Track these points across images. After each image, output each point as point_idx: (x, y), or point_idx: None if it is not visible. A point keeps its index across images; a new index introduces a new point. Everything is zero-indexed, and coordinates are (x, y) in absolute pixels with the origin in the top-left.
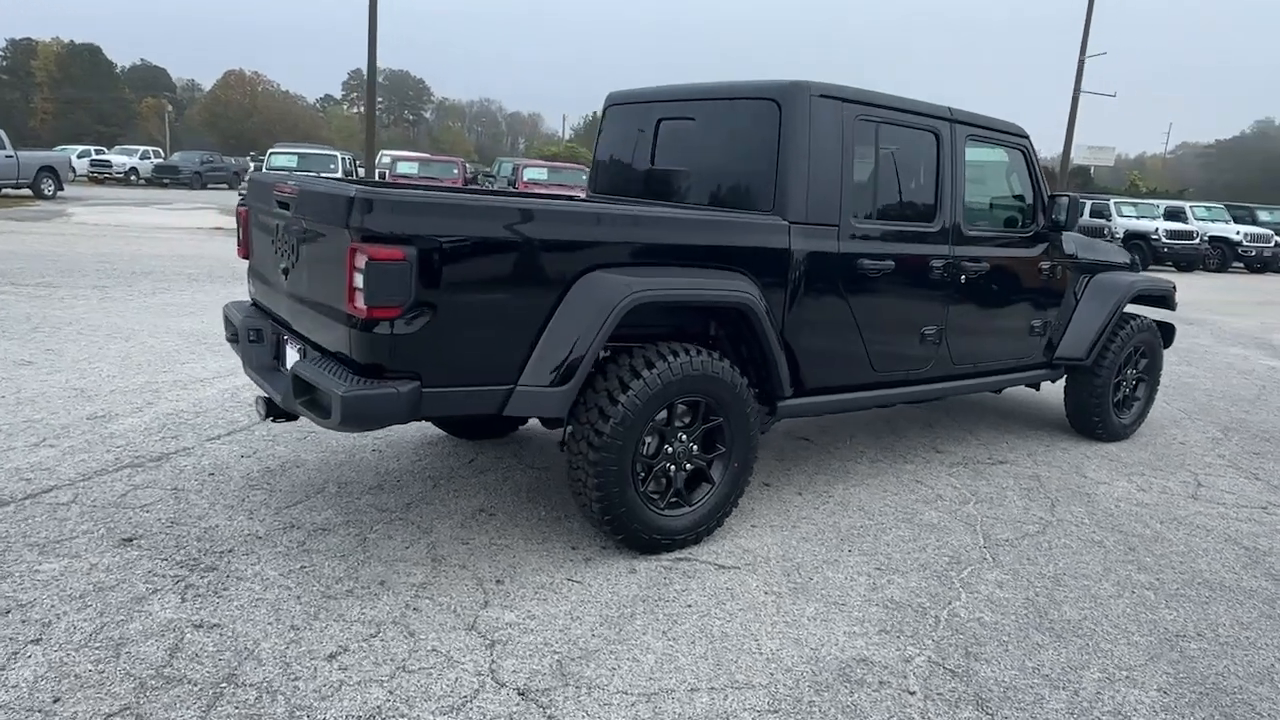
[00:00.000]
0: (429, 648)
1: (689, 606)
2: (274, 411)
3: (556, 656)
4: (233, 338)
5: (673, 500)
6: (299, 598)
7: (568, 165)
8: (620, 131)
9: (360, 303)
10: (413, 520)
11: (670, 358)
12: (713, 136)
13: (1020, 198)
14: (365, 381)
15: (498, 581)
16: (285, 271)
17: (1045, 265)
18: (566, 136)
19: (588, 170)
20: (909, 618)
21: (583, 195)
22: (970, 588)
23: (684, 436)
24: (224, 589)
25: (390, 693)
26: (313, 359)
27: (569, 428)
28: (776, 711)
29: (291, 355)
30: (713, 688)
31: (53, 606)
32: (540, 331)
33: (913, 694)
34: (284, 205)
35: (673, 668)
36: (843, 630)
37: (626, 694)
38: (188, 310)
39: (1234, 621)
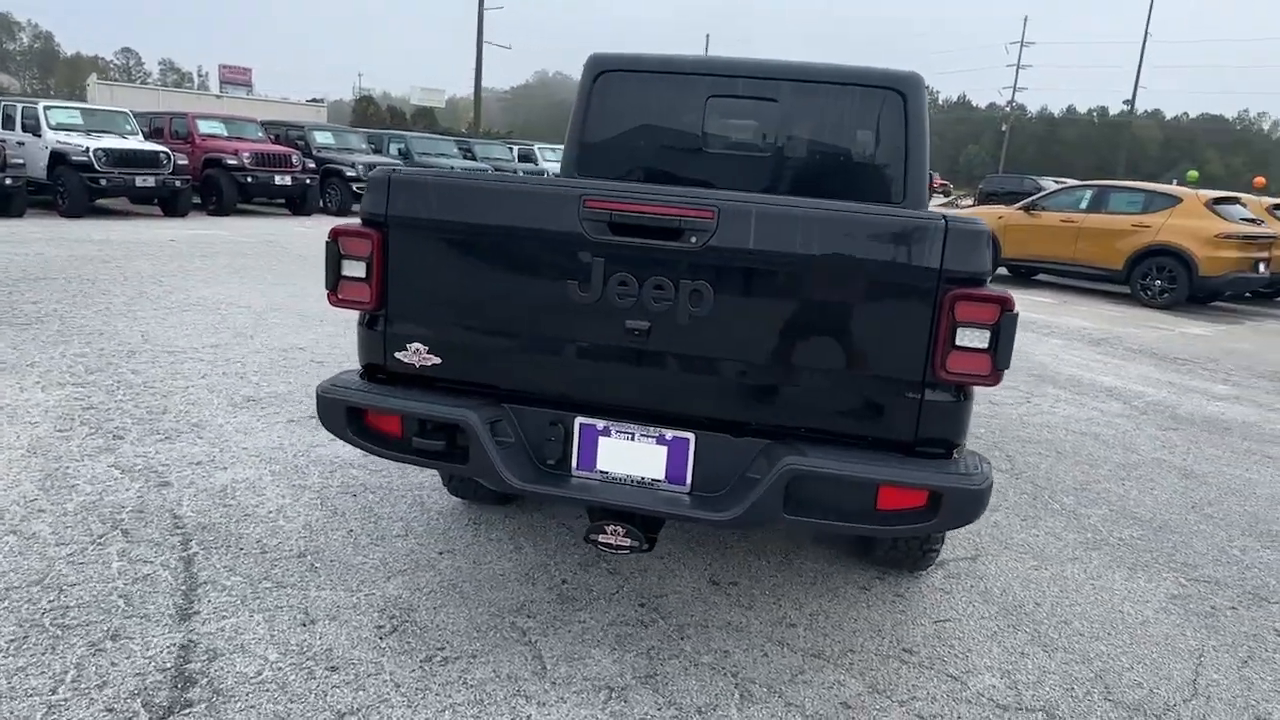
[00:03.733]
0: None
1: (1059, 613)
2: (649, 537)
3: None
4: (406, 442)
5: None
6: None
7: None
8: (631, 105)
9: (978, 367)
10: (702, 618)
11: None
12: (807, 121)
13: None
14: (960, 466)
15: (936, 660)
16: (643, 331)
17: None
18: None
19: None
20: (1152, 559)
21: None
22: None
23: None
24: None
25: None
26: (772, 448)
27: None
28: None
29: (638, 450)
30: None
31: None
32: None
33: None
34: (638, 229)
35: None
36: (1166, 592)
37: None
38: None
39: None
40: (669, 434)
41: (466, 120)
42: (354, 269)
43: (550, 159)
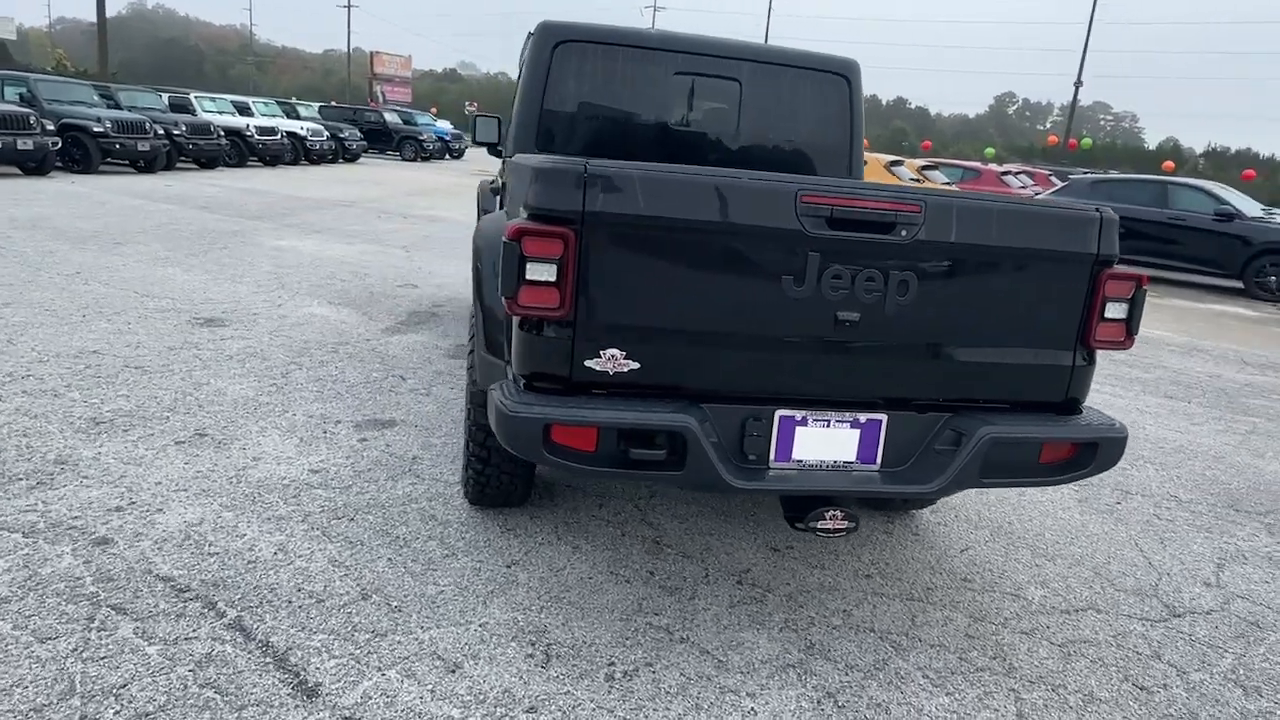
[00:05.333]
0: None
1: (1030, 527)
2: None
3: None
4: (610, 455)
5: None
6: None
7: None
8: (595, 78)
9: (1118, 334)
10: (799, 584)
11: None
12: (764, 104)
13: None
14: (1100, 420)
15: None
16: (853, 322)
17: None
18: None
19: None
20: None
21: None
22: None
23: None
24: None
25: None
26: (953, 420)
27: None
28: None
29: (833, 435)
30: None
31: None
32: None
33: None
34: (855, 224)
35: None
36: (1073, 498)
37: None
38: None
39: None
40: (863, 417)
41: (56, 57)
42: (541, 272)
43: (209, 109)
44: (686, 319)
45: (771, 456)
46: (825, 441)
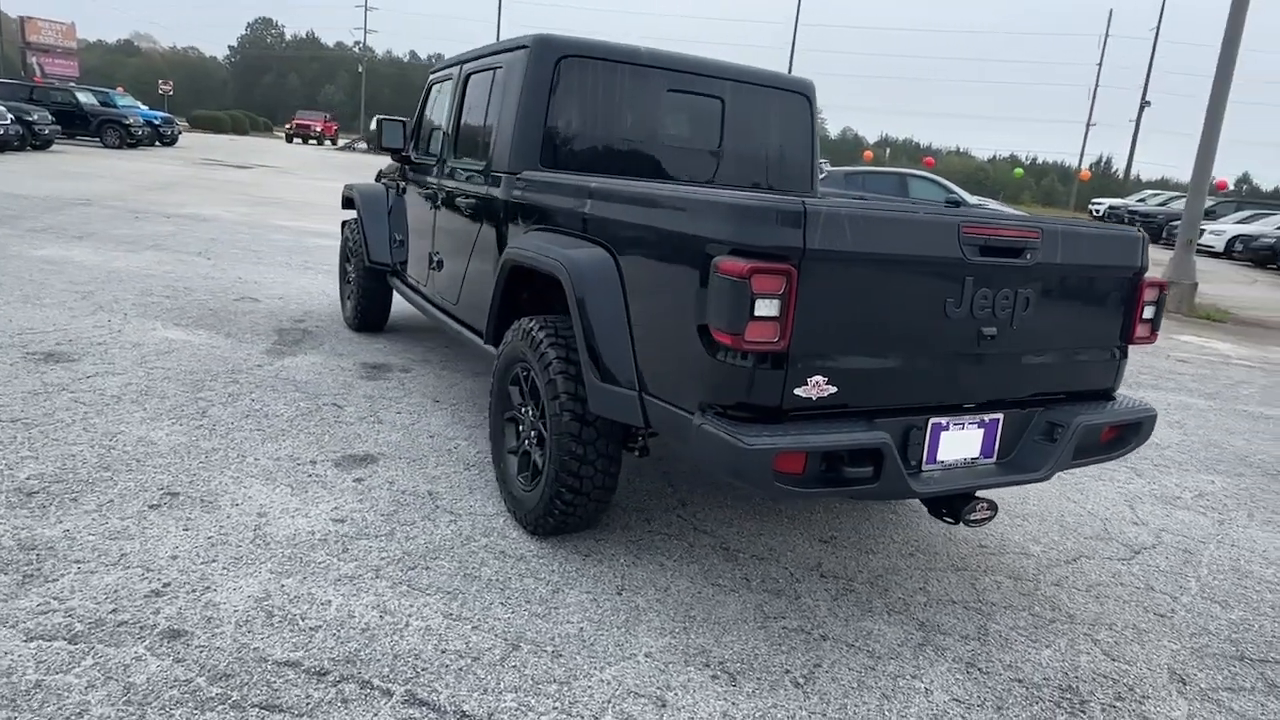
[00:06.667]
0: None
1: (1014, 500)
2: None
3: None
4: (818, 475)
5: None
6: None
7: None
8: (596, 94)
9: (1148, 331)
10: (870, 571)
11: None
12: (743, 121)
13: None
14: (1133, 403)
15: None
16: (987, 335)
17: None
18: None
19: None
20: None
21: None
22: None
23: None
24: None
25: None
26: (1044, 413)
27: None
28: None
29: (965, 436)
30: None
31: None
32: None
33: None
34: (999, 250)
35: None
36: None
37: None
38: None
39: None
40: (987, 417)
41: None
42: (767, 308)
43: None
44: (874, 342)
45: (924, 460)
46: (960, 442)
